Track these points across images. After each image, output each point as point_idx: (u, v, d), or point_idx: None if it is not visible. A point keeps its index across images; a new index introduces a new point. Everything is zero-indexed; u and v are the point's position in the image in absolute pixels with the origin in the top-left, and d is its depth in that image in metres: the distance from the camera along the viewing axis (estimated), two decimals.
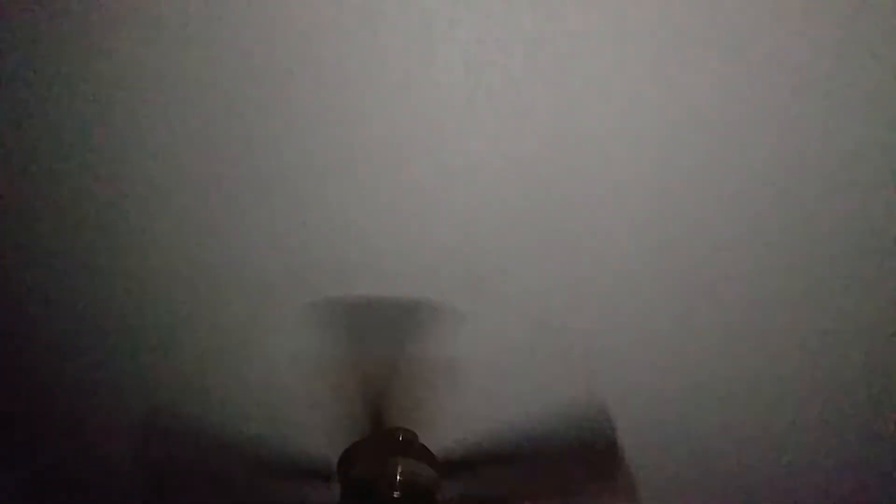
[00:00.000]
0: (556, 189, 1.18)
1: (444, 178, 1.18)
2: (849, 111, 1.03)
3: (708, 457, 1.66)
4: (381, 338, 1.45)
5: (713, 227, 1.20)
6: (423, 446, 1.44)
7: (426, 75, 1.05)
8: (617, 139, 1.11)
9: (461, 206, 1.22)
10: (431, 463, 1.39)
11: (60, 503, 2.05)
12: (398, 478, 1.32)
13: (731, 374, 1.45)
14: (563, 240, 1.26)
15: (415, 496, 1.32)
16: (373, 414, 1.48)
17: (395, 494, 1.30)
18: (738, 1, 0.94)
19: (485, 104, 1.08)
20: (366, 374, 1.50)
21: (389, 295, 1.37)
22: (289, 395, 1.56)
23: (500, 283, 1.33)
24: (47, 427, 1.80)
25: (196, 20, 1.02)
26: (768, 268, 1.25)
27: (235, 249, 1.33)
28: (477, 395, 1.54)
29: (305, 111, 1.12)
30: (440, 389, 1.50)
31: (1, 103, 1.15)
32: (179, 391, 1.62)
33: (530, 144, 1.13)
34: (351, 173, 1.19)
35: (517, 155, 1.14)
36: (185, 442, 1.69)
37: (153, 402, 1.66)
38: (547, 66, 1.03)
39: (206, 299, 1.43)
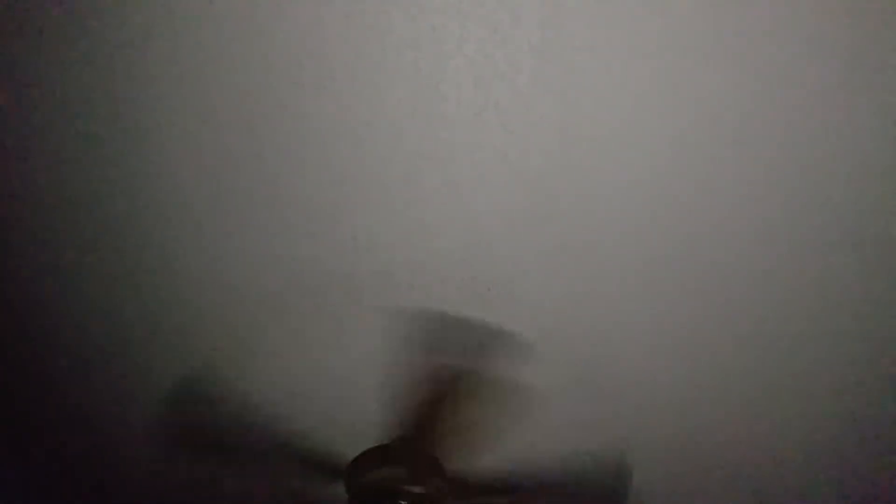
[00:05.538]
0: (564, 200, 1.19)
1: (454, 189, 1.19)
2: (859, 117, 1.03)
3: (714, 462, 1.66)
4: (389, 347, 1.46)
5: (721, 235, 1.21)
6: (431, 456, 1.45)
7: (436, 90, 1.06)
8: (624, 152, 1.12)
9: (470, 217, 1.23)
10: (439, 474, 1.39)
11: (79, 497, 2.08)
12: (406, 488, 1.33)
13: (742, 381, 1.45)
14: (571, 250, 1.26)
15: None
16: (381, 423, 1.49)
17: None
18: (742, 13, 0.94)
19: (493, 118, 1.09)
20: (373, 383, 1.50)
21: (398, 303, 1.38)
22: (298, 402, 1.57)
23: (509, 293, 1.34)
24: (68, 424, 1.83)
25: (207, 35, 1.03)
26: (777, 274, 1.25)
27: (246, 260, 1.34)
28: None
29: (316, 125, 1.13)
30: (448, 396, 1.50)
31: (26, 119, 1.17)
32: (189, 395, 1.64)
33: (538, 157, 1.13)
34: (361, 185, 1.20)
35: (525, 167, 1.15)
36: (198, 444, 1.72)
37: (164, 405, 1.68)
38: (554, 81, 1.04)
39: (218, 307, 1.44)
